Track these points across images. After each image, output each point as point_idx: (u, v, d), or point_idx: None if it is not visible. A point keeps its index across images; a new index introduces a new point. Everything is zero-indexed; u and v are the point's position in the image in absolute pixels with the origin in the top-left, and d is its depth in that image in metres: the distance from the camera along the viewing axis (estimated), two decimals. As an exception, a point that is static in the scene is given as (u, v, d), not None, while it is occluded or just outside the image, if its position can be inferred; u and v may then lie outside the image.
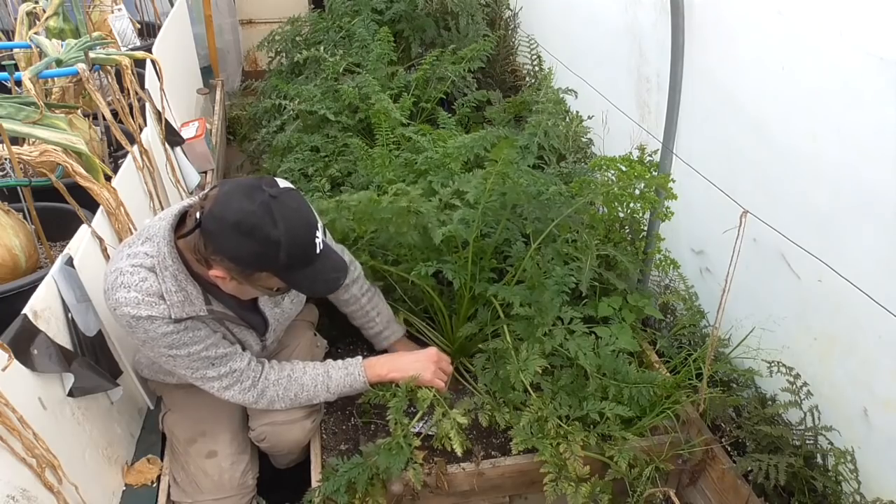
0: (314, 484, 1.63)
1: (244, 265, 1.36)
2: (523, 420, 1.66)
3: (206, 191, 1.40)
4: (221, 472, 1.68)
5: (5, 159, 1.98)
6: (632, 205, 2.06)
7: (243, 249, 1.32)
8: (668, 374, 1.89)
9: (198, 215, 1.36)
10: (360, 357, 1.73)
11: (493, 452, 1.77)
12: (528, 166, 2.30)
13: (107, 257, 1.78)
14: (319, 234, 1.41)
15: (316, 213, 1.44)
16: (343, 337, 2.14)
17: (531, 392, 1.71)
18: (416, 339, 2.09)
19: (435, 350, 1.79)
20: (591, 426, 1.71)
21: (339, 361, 1.71)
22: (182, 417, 1.74)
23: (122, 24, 3.17)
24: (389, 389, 1.70)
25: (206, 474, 1.67)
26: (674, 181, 1.93)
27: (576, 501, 1.52)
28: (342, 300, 1.90)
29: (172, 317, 1.42)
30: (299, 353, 1.84)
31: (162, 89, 2.59)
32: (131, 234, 1.87)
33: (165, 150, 2.54)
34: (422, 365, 1.73)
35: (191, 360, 1.50)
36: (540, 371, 1.68)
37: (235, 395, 1.59)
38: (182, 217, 1.46)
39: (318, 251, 1.40)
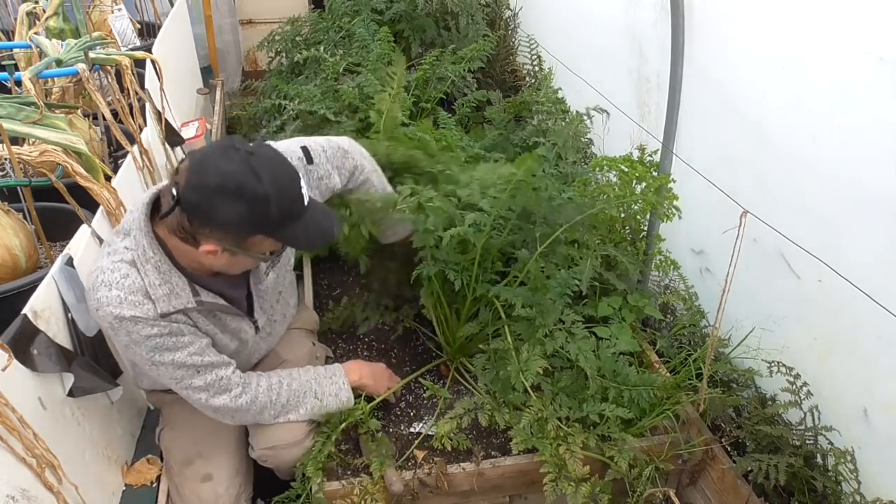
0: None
1: (236, 230, 1.28)
2: (523, 420, 1.66)
3: (175, 166, 1.32)
4: (217, 498, 1.63)
5: (5, 159, 1.98)
6: (633, 206, 2.06)
7: (232, 213, 1.24)
8: (668, 374, 1.89)
9: (174, 192, 1.26)
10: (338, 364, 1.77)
11: (493, 452, 1.77)
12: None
13: (107, 257, 1.78)
14: (304, 183, 1.35)
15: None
16: (343, 335, 2.14)
17: (531, 393, 1.71)
18: (417, 338, 2.09)
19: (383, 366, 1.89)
20: (591, 427, 1.71)
21: (321, 369, 1.73)
22: (179, 436, 1.70)
23: (122, 24, 3.16)
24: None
25: (199, 500, 1.62)
26: (674, 181, 1.93)
27: (576, 501, 1.52)
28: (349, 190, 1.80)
29: (159, 311, 1.36)
30: (298, 366, 1.78)
31: (162, 89, 2.59)
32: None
33: (165, 150, 2.54)
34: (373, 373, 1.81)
35: (175, 367, 1.43)
36: (540, 372, 1.68)
37: (226, 403, 1.52)
38: (156, 204, 1.38)
39: (306, 202, 1.35)
